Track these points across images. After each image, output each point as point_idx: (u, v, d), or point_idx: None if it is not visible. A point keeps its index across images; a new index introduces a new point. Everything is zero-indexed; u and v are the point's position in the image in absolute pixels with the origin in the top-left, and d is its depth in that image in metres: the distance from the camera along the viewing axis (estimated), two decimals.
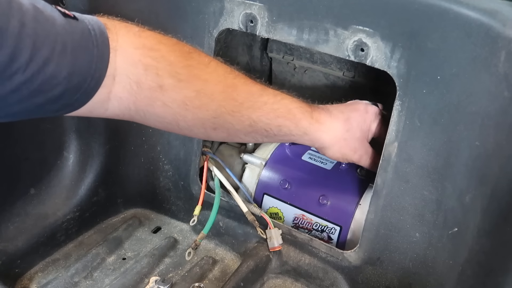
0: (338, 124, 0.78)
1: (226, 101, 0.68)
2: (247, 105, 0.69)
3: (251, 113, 0.70)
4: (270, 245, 0.91)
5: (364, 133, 0.81)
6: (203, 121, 0.67)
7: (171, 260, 0.96)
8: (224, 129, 0.70)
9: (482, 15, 0.63)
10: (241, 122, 0.70)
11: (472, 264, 0.67)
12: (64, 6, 0.89)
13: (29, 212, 0.94)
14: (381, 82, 0.88)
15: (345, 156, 0.80)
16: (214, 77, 0.67)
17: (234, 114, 0.68)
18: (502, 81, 0.62)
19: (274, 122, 0.72)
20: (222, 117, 0.68)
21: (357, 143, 0.80)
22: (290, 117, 0.73)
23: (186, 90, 0.63)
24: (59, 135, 1.01)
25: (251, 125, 0.70)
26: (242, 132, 0.71)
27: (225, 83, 0.68)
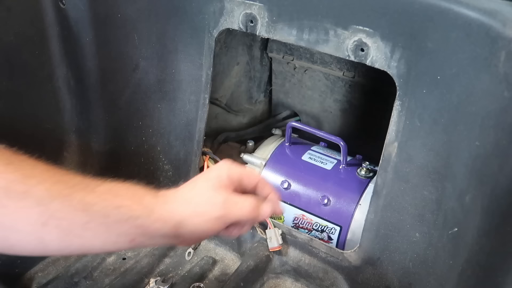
0: (187, 187, 0.66)
1: (55, 185, 0.58)
2: (79, 187, 0.59)
3: (84, 195, 0.59)
4: (270, 245, 0.91)
5: (217, 181, 0.66)
6: (28, 211, 0.57)
7: (171, 260, 0.96)
8: (55, 221, 0.58)
9: (482, 15, 0.63)
10: (73, 208, 0.58)
11: (472, 264, 0.67)
12: (64, 6, 0.89)
13: None
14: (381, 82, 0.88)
15: (206, 217, 0.63)
16: (43, 165, 0.60)
17: (64, 198, 0.58)
18: (502, 81, 0.62)
19: (112, 202, 0.60)
20: (50, 204, 0.57)
21: (215, 195, 0.65)
22: (131, 196, 0.62)
23: (11, 174, 0.56)
24: (59, 135, 1.01)
25: (85, 209, 0.58)
26: (78, 223, 0.58)
27: (56, 170, 0.61)
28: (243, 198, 0.66)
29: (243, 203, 0.65)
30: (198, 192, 0.65)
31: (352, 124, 1.13)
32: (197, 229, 0.64)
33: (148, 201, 0.63)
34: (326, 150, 1.03)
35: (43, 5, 0.90)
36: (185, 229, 0.63)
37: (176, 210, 0.64)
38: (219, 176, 0.66)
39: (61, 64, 0.95)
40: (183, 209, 0.64)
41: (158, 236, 0.62)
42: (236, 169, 0.68)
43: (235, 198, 0.65)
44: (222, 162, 0.69)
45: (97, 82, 0.97)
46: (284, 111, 1.23)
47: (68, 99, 0.98)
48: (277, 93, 1.21)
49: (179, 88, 0.96)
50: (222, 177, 0.66)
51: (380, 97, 1.00)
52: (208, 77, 0.91)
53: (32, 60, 0.91)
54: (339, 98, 1.11)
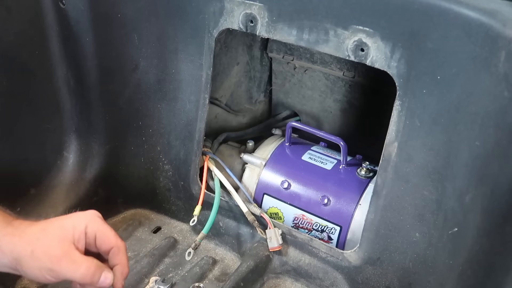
0: (36, 226, 0.64)
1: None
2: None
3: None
4: (270, 245, 0.91)
5: (65, 231, 0.64)
6: None
7: (171, 260, 0.96)
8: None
9: (482, 15, 0.63)
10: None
11: (472, 264, 0.67)
12: (64, 6, 0.89)
13: (29, 212, 0.94)
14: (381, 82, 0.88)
15: (42, 265, 0.62)
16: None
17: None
18: (502, 81, 0.62)
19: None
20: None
21: (56, 246, 0.62)
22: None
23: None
24: (59, 135, 1.01)
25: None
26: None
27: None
28: (83, 259, 0.63)
29: (79, 264, 0.63)
30: (45, 236, 0.63)
31: (352, 124, 1.13)
32: (31, 272, 0.62)
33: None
34: (326, 150, 1.03)
35: (43, 5, 0.89)
36: (22, 268, 0.62)
37: (17, 247, 0.62)
38: (74, 228, 0.65)
39: (61, 64, 0.95)
40: (23, 248, 0.62)
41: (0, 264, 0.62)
42: (94, 226, 0.66)
43: (75, 257, 0.63)
44: (87, 214, 0.69)
45: (97, 82, 0.97)
46: (284, 111, 1.23)
47: (68, 99, 0.98)
48: (277, 93, 1.21)
49: (179, 88, 0.96)
50: (76, 230, 0.65)
51: (380, 97, 0.99)
52: (208, 77, 0.91)
53: (32, 60, 0.91)
54: (339, 98, 1.11)
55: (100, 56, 0.95)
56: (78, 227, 0.65)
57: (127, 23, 0.92)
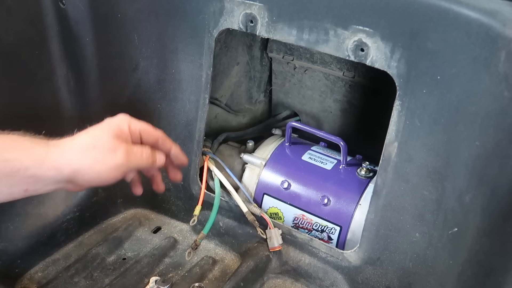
0: (81, 138, 0.67)
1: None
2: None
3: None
4: (270, 245, 0.91)
5: (113, 130, 0.68)
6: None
7: (171, 260, 0.96)
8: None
9: (482, 15, 0.63)
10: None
11: (472, 264, 0.67)
12: (64, 6, 0.89)
13: (29, 212, 0.94)
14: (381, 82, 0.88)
15: (106, 165, 0.66)
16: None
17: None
18: (502, 81, 0.62)
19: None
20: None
21: (111, 143, 0.67)
22: (18, 147, 0.62)
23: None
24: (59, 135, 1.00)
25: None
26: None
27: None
28: (141, 148, 0.70)
29: (141, 153, 0.69)
30: (99, 140, 0.67)
31: (352, 124, 1.13)
32: (97, 176, 0.66)
33: (38, 151, 0.63)
34: (326, 150, 1.03)
35: (43, 5, 0.89)
36: (83, 177, 0.65)
37: (74, 159, 0.64)
38: (120, 126, 0.70)
39: (61, 64, 0.95)
40: (82, 157, 0.65)
41: (51, 183, 0.64)
42: (137, 123, 0.72)
43: (135, 148, 0.69)
44: (123, 116, 0.72)
45: (97, 82, 0.97)
46: (284, 111, 1.23)
47: (68, 99, 0.98)
48: (277, 93, 1.21)
49: (179, 88, 0.96)
50: (123, 128, 0.70)
51: (380, 97, 0.99)
52: (208, 77, 0.91)
53: (32, 60, 0.91)
54: (339, 98, 1.11)
55: (100, 56, 0.95)
56: (123, 126, 0.70)
57: (127, 23, 0.92)
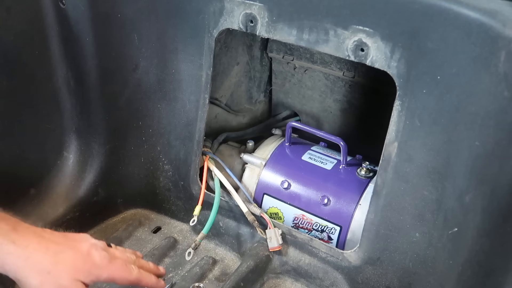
0: (45, 254, 0.62)
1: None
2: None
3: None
4: (270, 245, 0.91)
5: (79, 274, 0.64)
6: None
7: (171, 260, 0.96)
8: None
9: (482, 15, 0.63)
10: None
11: (472, 264, 0.67)
12: (64, 6, 0.89)
13: (29, 212, 0.94)
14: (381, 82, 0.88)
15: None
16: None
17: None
18: (502, 81, 0.62)
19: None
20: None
21: (66, 282, 0.63)
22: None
23: None
24: (59, 135, 1.01)
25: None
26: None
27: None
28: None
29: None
30: (56, 273, 0.62)
31: (352, 124, 1.13)
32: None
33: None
34: (326, 150, 1.03)
35: (43, 5, 0.89)
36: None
37: (20, 269, 0.60)
38: (89, 274, 0.66)
39: (61, 64, 0.95)
40: (26, 277, 0.61)
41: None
42: (111, 274, 0.68)
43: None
44: (104, 262, 0.67)
45: (97, 82, 0.97)
46: (284, 111, 1.23)
47: (68, 99, 0.98)
48: (277, 93, 1.21)
49: (179, 88, 0.96)
50: (91, 276, 0.66)
51: (380, 97, 0.99)
52: (208, 77, 0.91)
53: (32, 60, 0.91)
54: (339, 98, 1.11)
55: (100, 56, 0.95)
56: (92, 276, 0.66)
57: (127, 23, 0.92)
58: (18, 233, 0.61)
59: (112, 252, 0.71)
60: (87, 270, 0.65)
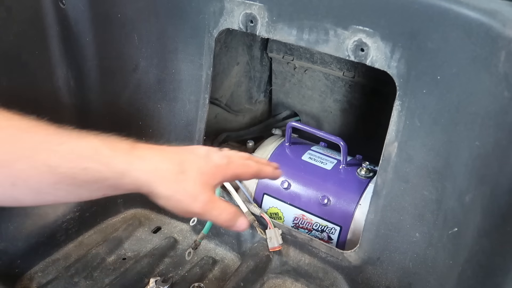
0: (170, 164, 0.63)
1: (16, 145, 0.57)
2: (41, 147, 0.57)
3: (46, 158, 0.57)
4: (270, 245, 0.91)
5: (206, 178, 0.64)
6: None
7: (171, 260, 0.96)
8: (23, 182, 0.57)
9: (482, 15, 0.63)
10: (37, 170, 0.57)
11: (472, 264, 0.67)
12: (64, 6, 0.89)
13: (29, 212, 0.94)
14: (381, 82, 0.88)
15: (182, 205, 0.62)
16: (2, 120, 0.58)
17: (26, 160, 0.56)
18: (502, 81, 0.62)
19: (78, 165, 0.58)
20: (14, 166, 0.56)
21: (197, 188, 0.62)
22: (98, 157, 0.59)
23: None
24: None
25: (51, 172, 0.57)
26: (46, 184, 0.58)
27: (17, 126, 0.58)
28: (225, 206, 0.64)
29: (221, 213, 0.64)
30: (186, 180, 0.62)
31: (352, 124, 1.13)
32: (170, 208, 0.63)
33: (118, 163, 0.59)
34: (326, 150, 1.03)
35: (43, 5, 0.89)
36: (157, 201, 0.62)
37: (154, 184, 0.61)
38: (215, 175, 0.65)
39: (61, 64, 0.95)
40: (163, 187, 0.61)
41: (130, 191, 0.61)
42: (234, 171, 0.67)
43: (216, 204, 0.63)
44: (221, 159, 0.66)
45: (97, 82, 0.97)
46: (284, 111, 1.23)
47: (68, 99, 0.98)
48: (277, 93, 1.21)
49: (179, 88, 0.96)
50: (217, 177, 0.65)
51: (380, 97, 0.99)
52: (208, 77, 0.91)
53: (32, 60, 0.91)
54: (339, 98, 1.11)
55: (100, 56, 0.95)
56: (217, 177, 0.65)
57: (127, 23, 0.92)
58: (139, 149, 0.62)
59: (226, 152, 0.69)
60: (212, 173, 0.64)
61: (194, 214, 0.63)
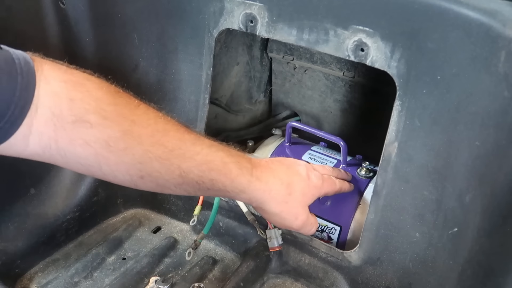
0: (281, 186, 0.74)
1: (154, 146, 0.61)
2: (177, 153, 0.63)
3: (181, 162, 0.63)
4: (270, 245, 0.91)
5: (306, 198, 0.77)
6: (128, 167, 0.61)
7: (171, 260, 0.96)
8: (151, 178, 0.63)
9: (482, 15, 0.63)
10: (170, 172, 0.63)
11: (472, 264, 0.67)
12: (64, 6, 0.89)
13: (29, 212, 0.94)
14: (381, 82, 0.88)
15: (285, 222, 0.76)
16: (143, 119, 0.62)
17: (162, 161, 0.62)
18: (502, 81, 0.62)
19: (207, 175, 0.65)
20: (149, 164, 0.62)
21: (299, 209, 0.76)
22: (226, 172, 0.67)
23: (110, 129, 0.58)
24: None
25: (181, 175, 0.64)
26: (172, 183, 0.64)
27: (155, 127, 0.63)
28: (314, 221, 0.81)
29: (311, 227, 0.80)
30: (292, 202, 0.75)
31: (352, 124, 1.13)
32: (271, 221, 0.81)
33: (241, 182, 0.69)
34: (326, 150, 1.03)
35: (43, 5, 0.90)
36: (262, 214, 0.76)
37: (265, 202, 0.72)
38: (313, 196, 0.78)
39: None
40: (271, 205, 0.73)
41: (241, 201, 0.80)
42: (326, 191, 0.81)
43: (311, 220, 0.79)
44: (319, 182, 0.79)
45: None
46: (284, 111, 1.23)
47: None
48: (277, 93, 1.21)
49: (179, 88, 0.96)
50: (314, 197, 0.79)
51: (380, 97, 0.99)
52: (208, 77, 0.91)
53: None
54: (339, 98, 1.11)
55: (100, 56, 0.95)
56: (314, 196, 0.79)
57: (127, 23, 0.92)
58: (257, 169, 0.72)
59: (318, 169, 0.83)
60: (312, 194, 0.78)
61: (293, 229, 0.79)
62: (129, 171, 0.61)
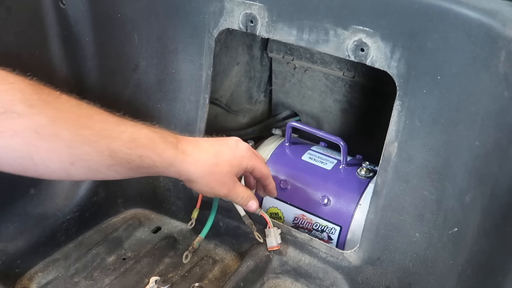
0: (207, 156, 0.76)
1: (82, 130, 0.64)
2: (104, 134, 0.66)
3: (109, 142, 0.66)
4: (269, 244, 0.91)
5: (233, 168, 0.79)
6: (59, 153, 0.63)
7: (171, 260, 0.96)
8: (83, 162, 0.65)
9: (482, 15, 0.63)
10: (99, 153, 0.65)
11: (472, 264, 0.67)
12: (64, 6, 0.89)
13: (29, 212, 0.94)
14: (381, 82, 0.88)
15: (213, 190, 0.79)
16: (67, 106, 0.65)
17: (91, 144, 0.64)
18: (502, 81, 0.62)
19: (135, 152, 0.68)
20: (79, 148, 0.64)
21: (225, 178, 0.78)
22: (152, 147, 0.70)
23: (38, 116, 0.60)
24: None
25: (111, 155, 0.66)
26: (103, 165, 0.67)
27: (79, 112, 0.66)
28: (243, 190, 0.82)
29: (241, 194, 0.81)
30: (220, 170, 0.77)
31: (352, 124, 1.13)
32: (200, 191, 0.80)
33: (168, 155, 0.71)
34: (326, 150, 1.03)
35: (43, 5, 0.89)
36: (192, 185, 0.77)
37: (193, 174, 0.75)
38: (241, 166, 0.80)
39: (61, 64, 0.95)
40: (200, 176, 0.75)
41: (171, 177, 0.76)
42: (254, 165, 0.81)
43: (239, 188, 0.81)
44: (246, 155, 0.80)
45: (97, 82, 0.97)
46: (284, 111, 1.23)
47: None
48: (277, 93, 1.21)
49: (179, 88, 0.96)
50: (241, 168, 0.80)
51: (380, 97, 1.00)
52: (208, 77, 0.91)
53: (32, 60, 0.91)
54: (339, 98, 1.11)
55: (100, 56, 0.95)
56: (242, 166, 0.80)
57: (127, 23, 0.92)
58: (183, 143, 0.74)
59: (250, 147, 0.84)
60: (238, 163, 0.79)
61: (220, 196, 0.81)
62: (60, 157, 0.63)
